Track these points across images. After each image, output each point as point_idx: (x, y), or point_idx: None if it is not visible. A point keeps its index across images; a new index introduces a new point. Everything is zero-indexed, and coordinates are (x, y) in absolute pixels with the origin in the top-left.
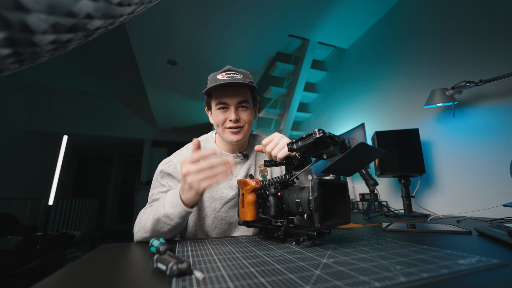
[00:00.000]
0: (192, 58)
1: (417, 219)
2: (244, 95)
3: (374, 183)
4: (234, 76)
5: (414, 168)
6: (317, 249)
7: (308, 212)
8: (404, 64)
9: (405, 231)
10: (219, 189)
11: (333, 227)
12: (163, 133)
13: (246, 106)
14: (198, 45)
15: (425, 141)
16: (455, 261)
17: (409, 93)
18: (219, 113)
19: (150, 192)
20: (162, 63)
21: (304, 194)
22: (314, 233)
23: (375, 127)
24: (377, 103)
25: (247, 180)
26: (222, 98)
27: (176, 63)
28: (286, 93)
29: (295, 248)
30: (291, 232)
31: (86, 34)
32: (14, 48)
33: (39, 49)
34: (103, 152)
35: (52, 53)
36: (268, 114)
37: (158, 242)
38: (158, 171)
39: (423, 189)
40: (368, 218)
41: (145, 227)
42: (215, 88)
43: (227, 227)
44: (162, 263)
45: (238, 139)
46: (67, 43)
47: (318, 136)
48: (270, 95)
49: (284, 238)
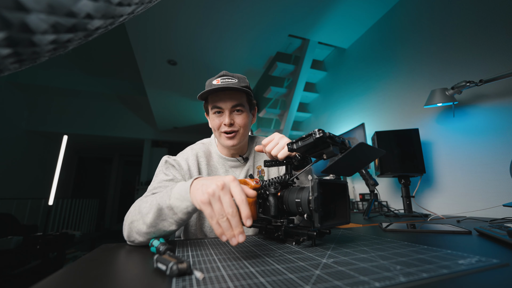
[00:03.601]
0: (192, 58)
1: (417, 219)
2: (239, 99)
3: (374, 183)
4: (229, 80)
5: (414, 168)
6: (317, 249)
7: (308, 212)
8: (404, 64)
9: (405, 231)
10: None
11: (333, 227)
12: (163, 133)
13: (241, 110)
14: (198, 45)
15: (425, 141)
16: (455, 261)
17: (409, 93)
18: (215, 117)
19: (151, 185)
20: (162, 63)
21: (304, 194)
22: (314, 233)
23: (375, 127)
24: (377, 103)
25: (247, 180)
26: (217, 103)
27: (176, 63)
28: (286, 93)
29: (295, 248)
30: (291, 232)
31: (86, 34)
32: (14, 48)
33: (39, 49)
34: (103, 152)
35: (52, 53)
36: (268, 114)
37: (158, 242)
38: (162, 161)
39: (423, 189)
40: (368, 218)
41: (145, 218)
42: (210, 93)
43: None
44: (162, 263)
45: (233, 144)
46: (67, 43)
47: (318, 136)
48: (270, 95)
49: (284, 238)
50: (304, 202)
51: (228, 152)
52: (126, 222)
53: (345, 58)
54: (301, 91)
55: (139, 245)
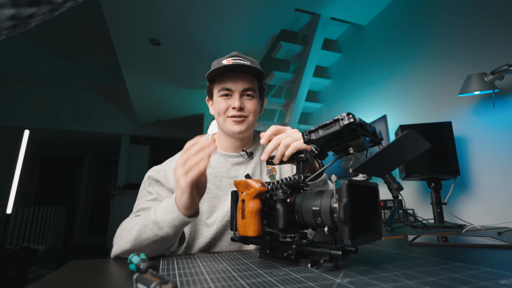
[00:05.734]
0: (180, 37)
1: (450, 230)
2: (251, 82)
3: (398, 188)
4: (241, 62)
5: (446, 169)
6: (329, 266)
7: (329, 225)
8: (434, 44)
9: (435, 245)
10: (221, 196)
11: (366, 244)
12: (144, 127)
13: (251, 95)
14: (186, 21)
15: (460, 136)
16: (495, 281)
17: (440, 79)
18: (221, 100)
19: (135, 203)
20: (143, 43)
21: (325, 201)
22: (339, 252)
23: (399, 120)
24: (401, 91)
25: (249, 182)
26: (226, 83)
27: (160, 43)
28: (292, 79)
29: (303, 266)
30: (306, 250)
31: (51, 8)
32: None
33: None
34: (72, 150)
35: (11, 31)
36: (270, 104)
37: (138, 258)
38: (145, 177)
39: (457, 194)
40: (391, 229)
41: (128, 236)
42: (219, 71)
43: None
44: (142, 284)
45: (240, 130)
46: (29, 18)
47: (347, 122)
48: (273, 81)
49: (296, 259)
50: (326, 210)
51: (229, 146)
52: (114, 242)
53: (363, 37)
54: (310, 77)
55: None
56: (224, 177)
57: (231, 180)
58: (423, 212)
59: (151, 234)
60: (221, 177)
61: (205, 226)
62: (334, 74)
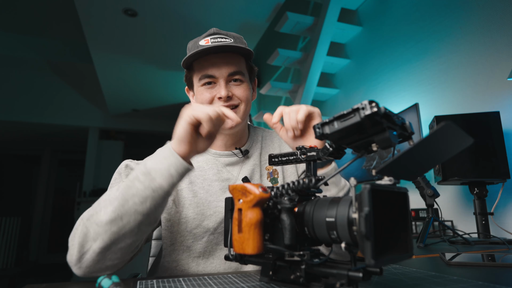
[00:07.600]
0: (160, 6)
1: (498, 247)
2: (237, 64)
3: (433, 194)
4: (222, 40)
5: (493, 171)
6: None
7: (348, 240)
8: (478, 17)
9: (479, 265)
10: (211, 202)
11: (393, 264)
12: (117, 118)
13: (240, 79)
14: None
15: (510, 130)
16: None
17: (486, 59)
18: (204, 90)
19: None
20: (115, 14)
21: (342, 210)
22: (359, 274)
23: (434, 109)
24: (437, 74)
25: (247, 187)
26: (207, 70)
27: (136, 14)
28: (301, 58)
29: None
30: (318, 272)
31: None
32: None
33: None
34: (28, 147)
35: None
36: (274, 90)
37: (109, 281)
38: (121, 166)
39: (506, 202)
40: (424, 245)
41: (108, 207)
42: (197, 56)
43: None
44: None
45: (232, 124)
46: None
47: (369, 112)
48: (277, 61)
49: (306, 283)
50: (343, 222)
51: (220, 144)
52: (79, 229)
53: (389, 7)
54: (323, 56)
55: (92, 266)
56: (214, 180)
57: (222, 183)
58: (464, 225)
59: (141, 187)
60: (210, 180)
61: (191, 238)
62: (353, 52)
